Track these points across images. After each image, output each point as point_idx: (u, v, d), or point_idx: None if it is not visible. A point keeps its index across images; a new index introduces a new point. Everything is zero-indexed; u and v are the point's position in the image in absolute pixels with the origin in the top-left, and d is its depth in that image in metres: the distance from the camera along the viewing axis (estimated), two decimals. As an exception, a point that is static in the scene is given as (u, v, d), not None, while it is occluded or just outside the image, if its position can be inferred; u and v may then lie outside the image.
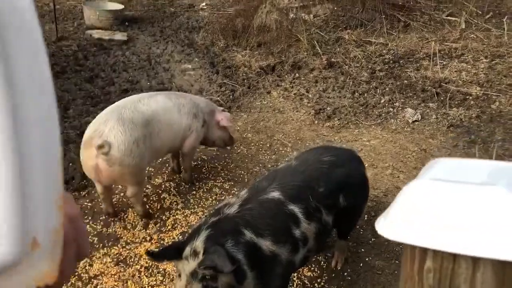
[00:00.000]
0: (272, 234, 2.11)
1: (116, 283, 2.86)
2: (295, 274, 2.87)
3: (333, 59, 6.00)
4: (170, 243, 3.00)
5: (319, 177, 2.36)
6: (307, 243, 2.25)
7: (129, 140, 2.89)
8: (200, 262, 1.92)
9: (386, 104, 5.07)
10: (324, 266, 2.99)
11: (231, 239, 2.02)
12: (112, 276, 2.91)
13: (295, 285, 2.85)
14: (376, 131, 4.63)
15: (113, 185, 3.31)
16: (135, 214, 3.35)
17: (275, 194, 2.24)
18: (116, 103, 3.20)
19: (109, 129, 2.88)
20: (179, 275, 2.02)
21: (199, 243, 2.00)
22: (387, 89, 5.33)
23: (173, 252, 2.06)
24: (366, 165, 4.01)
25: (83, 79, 5.63)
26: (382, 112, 4.95)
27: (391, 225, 0.61)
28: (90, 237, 3.16)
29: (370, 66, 5.82)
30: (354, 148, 2.98)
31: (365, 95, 5.28)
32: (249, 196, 2.28)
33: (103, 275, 2.94)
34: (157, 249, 2.45)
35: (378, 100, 5.13)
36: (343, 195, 2.40)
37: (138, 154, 2.95)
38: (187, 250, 2.01)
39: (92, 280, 2.91)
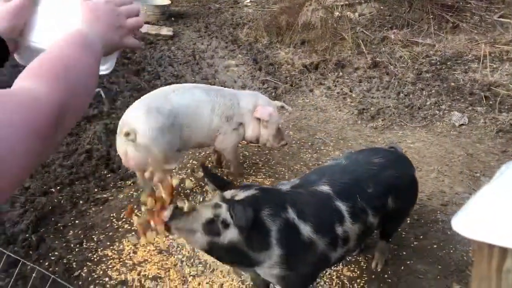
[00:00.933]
0: (315, 223, 2.07)
1: (159, 271, 2.94)
2: (335, 273, 2.87)
3: (378, 59, 5.91)
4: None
5: (368, 178, 2.31)
6: (348, 243, 2.21)
7: (154, 128, 2.95)
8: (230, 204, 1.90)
9: (432, 106, 4.96)
10: (364, 267, 2.96)
11: (270, 209, 1.97)
12: (155, 264, 2.99)
13: (334, 284, 2.84)
14: (421, 133, 4.54)
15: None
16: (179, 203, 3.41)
17: (325, 188, 2.22)
18: (152, 91, 3.27)
19: (135, 117, 2.98)
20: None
21: (241, 194, 1.98)
22: (433, 91, 5.22)
23: (221, 183, 2.10)
24: (410, 167, 3.97)
25: (130, 72, 5.78)
26: (427, 114, 4.85)
27: (469, 223, 0.61)
28: (134, 226, 3.25)
29: (416, 67, 5.70)
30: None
31: (411, 96, 5.18)
32: (301, 183, 2.30)
33: (146, 262, 3.02)
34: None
35: (424, 102, 5.03)
36: (391, 197, 2.35)
37: (165, 142, 3.01)
38: (228, 193, 2.02)
39: (136, 266, 3.00)
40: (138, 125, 2.94)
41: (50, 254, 3.07)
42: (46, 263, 2.99)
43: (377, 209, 2.29)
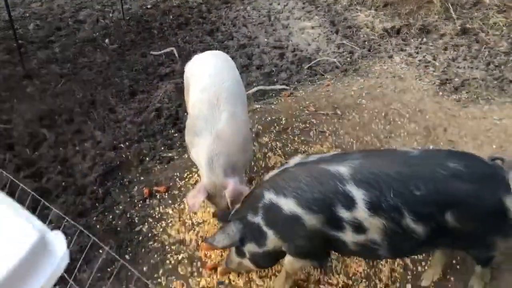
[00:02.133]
0: (299, 197, 2.08)
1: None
2: None
3: (468, 25, 5.37)
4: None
5: (425, 180, 2.00)
6: (365, 232, 2.05)
7: None
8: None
9: (527, 80, 4.44)
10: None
11: (251, 208, 2.25)
12: (214, 225, 3.00)
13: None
14: (510, 109, 4.09)
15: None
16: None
17: (340, 169, 2.07)
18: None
19: None
20: None
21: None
22: (529, 62, 4.67)
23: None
24: (494, 146, 3.61)
25: (204, 32, 5.75)
26: (520, 88, 4.35)
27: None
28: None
29: (511, 35, 5.13)
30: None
31: (502, 67, 4.68)
32: (305, 161, 2.25)
33: (205, 223, 3.04)
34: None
35: (517, 75, 4.52)
36: (452, 214, 2.00)
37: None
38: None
39: (195, 227, 3.03)
40: None
41: (114, 208, 3.18)
42: (111, 216, 3.11)
43: (420, 215, 2.00)
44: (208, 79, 2.89)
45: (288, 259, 2.36)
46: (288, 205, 2.12)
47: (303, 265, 2.44)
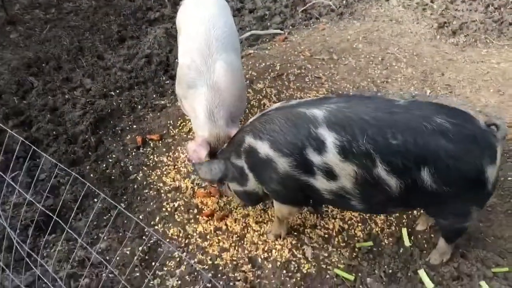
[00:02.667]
0: (273, 141, 2.06)
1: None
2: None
3: (468, -36, 5.18)
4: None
5: (404, 130, 1.86)
6: (336, 179, 1.99)
7: None
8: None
9: (527, 22, 4.34)
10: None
11: (235, 151, 2.29)
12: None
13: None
14: (509, 52, 4.01)
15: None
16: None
17: (315, 112, 1.99)
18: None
19: None
20: None
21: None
22: (530, 3, 4.54)
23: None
24: (491, 90, 3.56)
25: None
26: (519, 31, 4.25)
27: None
28: (190, 133, 3.22)
29: (512, -24, 4.95)
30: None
31: (502, 9, 4.55)
32: (285, 105, 2.20)
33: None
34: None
35: (517, 17, 4.40)
36: (429, 171, 1.88)
37: None
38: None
39: (190, 174, 3.00)
40: None
41: (108, 156, 3.13)
42: (104, 165, 3.06)
43: (394, 166, 1.89)
44: (199, 25, 2.74)
45: (275, 204, 2.38)
46: (263, 148, 2.10)
47: (290, 211, 2.39)
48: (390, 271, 2.42)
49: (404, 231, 2.59)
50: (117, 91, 3.65)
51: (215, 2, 3.02)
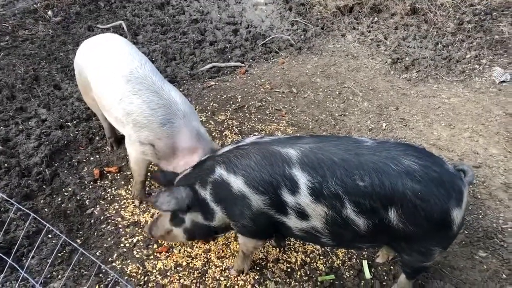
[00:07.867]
0: (248, 177, 2.03)
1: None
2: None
3: (417, 5, 5.49)
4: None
5: (372, 171, 1.87)
6: (307, 219, 2.01)
7: None
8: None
9: (472, 60, 4.61)
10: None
11: (201, 180, 2.16)
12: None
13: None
14: (457, 88, 4.24)
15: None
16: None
17: (290, 152, 2.00)
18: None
19: None
20: None
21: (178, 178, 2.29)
22: (474, 43, 4.84)
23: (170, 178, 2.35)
24: (443, 124, 3.73)
25: (154, 5, 5.52)
26: (466, 68, 4.51)
27: None
28: (152, 167, 3.15)
29: (458, 16, 5.28)
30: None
31: (449, 48, 4.82)
32: (260, 141, 2.16)
33: (160, 205, 2.94)
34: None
35: (463, 55, 4.67)
36: (396, 212, 1.89)
37: None
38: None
39: (149, 208, 2.93)
40: None
41: (63, 190, 3.02)
42: (59, 199, 2.94)
43: (362, 208, 1.90)
44: (131, 65, 2.58)
45: (240, 238, 2.34)
46: (236, 183, 2.06)
47: (256, 244, 2.37)
48: (352, 304, 2.43)
49: (365, 263, 2.63)
50: (74, 122, 3.55)
51: (122, 40, 2.86)
